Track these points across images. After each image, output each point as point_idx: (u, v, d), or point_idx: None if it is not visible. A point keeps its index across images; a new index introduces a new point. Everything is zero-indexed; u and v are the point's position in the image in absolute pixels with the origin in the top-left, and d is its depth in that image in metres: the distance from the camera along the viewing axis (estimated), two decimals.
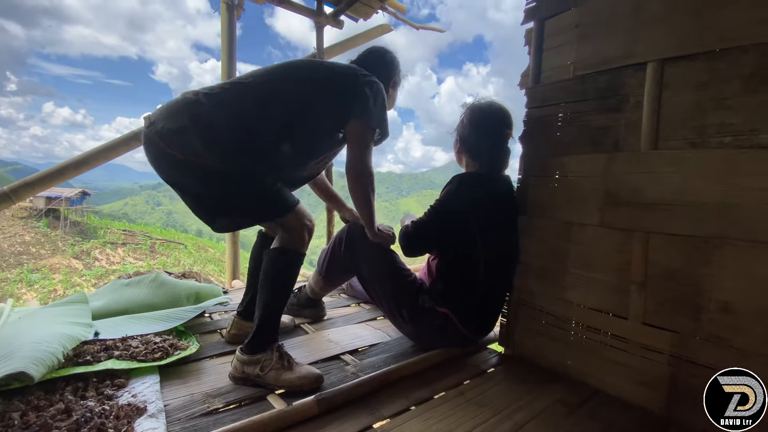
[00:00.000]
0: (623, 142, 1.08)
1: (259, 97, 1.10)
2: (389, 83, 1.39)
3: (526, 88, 1.31)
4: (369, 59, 1.38)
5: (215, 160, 1.03)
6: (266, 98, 1.11)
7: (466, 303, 1.28)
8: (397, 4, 2.74)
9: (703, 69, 0.94)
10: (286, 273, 1.17)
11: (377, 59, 1.38)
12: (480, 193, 1.30)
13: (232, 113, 1.07)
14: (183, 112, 1.06)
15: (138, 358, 1.16)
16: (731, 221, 0.89)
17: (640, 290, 1.03)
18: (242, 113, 1.08)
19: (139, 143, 2.07)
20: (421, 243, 1.36)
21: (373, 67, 1.32)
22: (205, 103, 1.07)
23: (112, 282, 1.70)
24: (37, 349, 0.99)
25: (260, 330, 1.11)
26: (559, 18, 1.22)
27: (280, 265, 1.16)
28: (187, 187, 1.10)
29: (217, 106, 1.07)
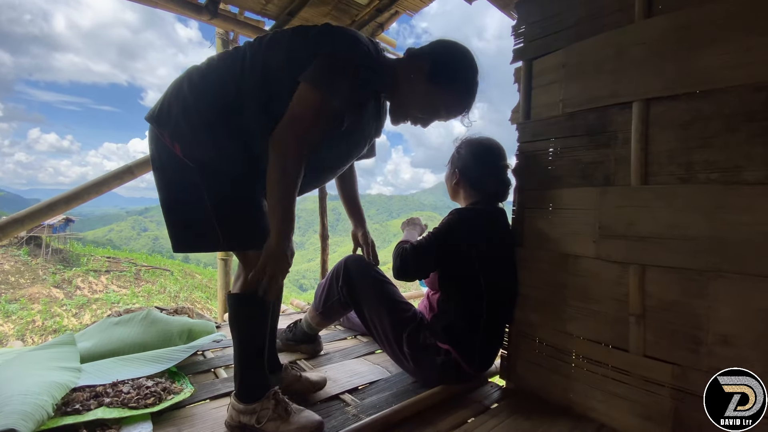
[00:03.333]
0: (614, 177, 1.11)
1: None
2: (416, 61, 1.08)
3: (518, 124, 1.35)
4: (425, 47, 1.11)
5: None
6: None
7: (469, 340, 1.27)
8: (388, 40, 2.83)
9: (686, 109, 0.99)
10: (248, 327, 1.05)
11: (433, 48, 1.10)
12: (481, 228, 1.31)
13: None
14: None
15: (129, 405, 1.11)
16: (723, 255, 0.92)
17: (639, 322, 1.05)
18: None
19: (131, 176, 2.05)
20: (419, 265, 1.28)
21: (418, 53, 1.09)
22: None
23: (101, 321, 1.64)
24: (26, 401, 0.94)
25: (244, 378, 1.06)
26: (546, 58, 1.28)
27: (242, 317, 1.05)
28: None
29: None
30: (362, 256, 1.47)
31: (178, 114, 0.98)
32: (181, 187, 1.02)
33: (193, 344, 1.51)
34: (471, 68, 1.11)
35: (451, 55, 1.10)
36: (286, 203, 0.90)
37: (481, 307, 1.26)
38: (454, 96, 1.10)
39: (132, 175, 2.03)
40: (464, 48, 1.11)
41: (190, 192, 1.00)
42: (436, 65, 1.06)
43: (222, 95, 0.98)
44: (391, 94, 1.14)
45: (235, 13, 2.48)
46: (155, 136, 1.03)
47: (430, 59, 1.07)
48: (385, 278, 1.43)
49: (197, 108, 0.97)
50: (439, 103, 1.10)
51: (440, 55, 1.08)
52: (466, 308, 1.27)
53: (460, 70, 1.10)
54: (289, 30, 1.04)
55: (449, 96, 1.09)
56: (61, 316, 13.04)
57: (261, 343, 1.07)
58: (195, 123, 0.97)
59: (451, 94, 1.10)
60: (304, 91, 0.92)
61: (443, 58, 1.08)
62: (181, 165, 1.00)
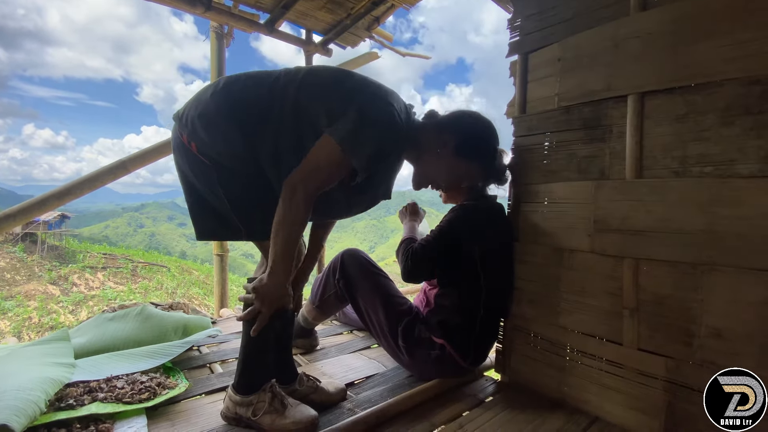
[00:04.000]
0: (609, 171, 1.11)
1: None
2: (443, 134, 1.19)
3: (513, 118, 1.35)
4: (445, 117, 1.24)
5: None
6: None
7: (464, 336, 1.27)
8: (384, 33, 2.82)
9: (681, 102, 0.99)
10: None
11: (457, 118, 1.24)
12: (484, 225, 1.29)
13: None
14: None
15: (124, 400, 1.11)
16: (717, 248, 0.92)
17: (633, 316, 1.05)
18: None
19: (125, 171, 2.04)
20: (430, 267, 1.25)
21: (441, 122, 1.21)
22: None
23: (95, 316, 1.64)
24: (18, 397, 0.94)
25: (245, 371, 1.06)
26: (542, 52, 1.27)
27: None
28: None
29: None
30: (359, 251, 1.47)
31: (194, 117, 1.04)
32: (200, 181, 1.08)
33: (188, 339, 1.51)
34: (493, 139, 1.26)
35: (477, 130, 1.24)
36: (287, 245, 0.95)
37: (478, 304, 1.26)
38: (477, 167, 1.25)
39: (125, 170, 2.01)
40: (486, 120, 1.26)
41: (207, 186, 1.07)
42: (464, 141, 1.20)
43: (241, 108, 1.02)
44: (414, 161, 1.24)
45: (229, 6, 2.45)
46: (177, 133, 1.09)
47: (457, 135, 1.19)
48: (381, 272, 1.43)
49: (216, 116, 1.02)
50: (463, 173, 1.24)
51: (467, 132, 1.22)
52: (464, 304, 1.27)
53: (484, 145, 1.25)
54: (330, 72, 1.07)
55: (474, 167, 1.24)
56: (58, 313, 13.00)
57: (269, 339, 1.07)
58: (212, 128, 1.02)
59: (475, 166, 1.24)
60: (327, 145, 0.96)
61: (470, 133, 1.22)
62: (198, 162, 1.06)
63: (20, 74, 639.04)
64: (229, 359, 1.51)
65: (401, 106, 1.06)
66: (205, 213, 1.12)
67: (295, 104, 1.01)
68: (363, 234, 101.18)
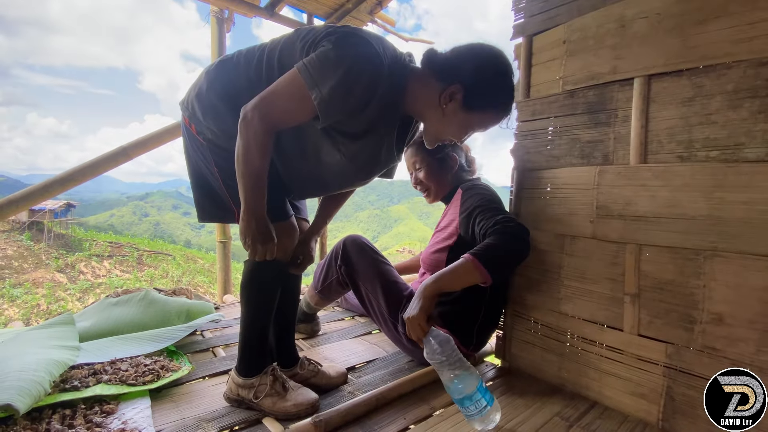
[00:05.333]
0: (613, 156, 1.10)
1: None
2: (449, 86, 0.93)
3: (517, 102, 1.33)
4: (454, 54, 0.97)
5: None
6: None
7: (468, 326, 1.27)
8: (387, 18, 2.77)
9: (688, 85, 0.97)
10: (257, 298, 1.07)
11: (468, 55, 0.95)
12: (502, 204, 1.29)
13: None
14: None
15: (128, 382, 1.13)
16: (720, 234, 0.91)
17: (634, 302, 1.04)
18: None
19: (126, 158, 2.04)
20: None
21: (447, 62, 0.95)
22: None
23: (99, 301, 1.66)
24: (22, 378, 0.95)
25: (245, 351, 1.08)
26: (546, 34, 1.25)
27: (253, 287, 1.07)
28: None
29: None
30: (361, 237, 1.47)
31: (192, 98, 1.06)
32: (200, 162, 1.09)
33: (191, 324, 1.52)
34: (508, 79, 0.97)
35: (488, 74, 0.94)
36: (251, 177, 0.90)
37: (484, 296, 1.26)
38: (492, 115, 1.00)
39: (127, 156, 2.01)
40: (497, 54, 0.96)
41: (206, 167, 1.08)
42: (473, 92, 0.93)
43: (231, 83, 1.02)
44: (419, 116, 1.05)
45: None
46: (181, 117, 1.12)
47: (464, 85, 0.93)
48: (382, 258, 1.43)
49: (207, 92, 1.03)
50: (477, 125, 1.00)
51: (476, 78, 0.93)
52: (469, 292, 1.24)
53: (499, 90, 0.96)
54: (309, 26, 1.06)
55: (488, 116, 0.99)
56: (66, 300, 13.20)
57: (266, 319, 1.09)
58: (204, 105, 1.03)
59: (490, 115, 0.99)
60: (290, 74, 0.88)
61: (479, 80, 0.93)
62: (197, 142, 1.07)
63: (22, 62, 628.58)
64: (232, 343, 1.53)
65: (389, 49, 0.94)
66: (205, 194, 1.13)
67: (279, 64, 0.96)
68: (366, 224, 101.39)
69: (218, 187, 1.08)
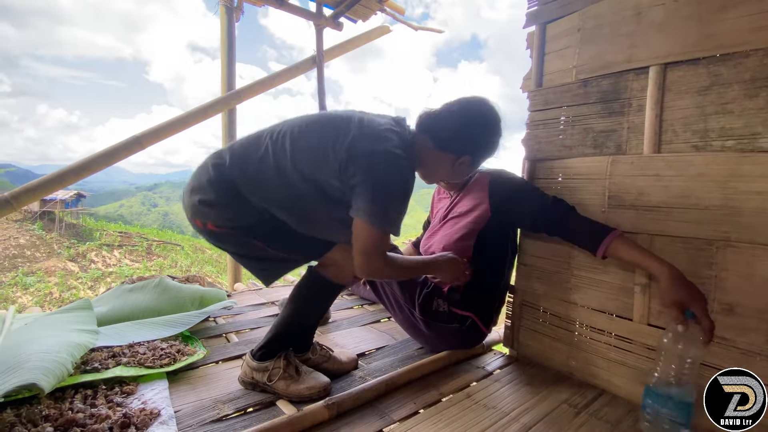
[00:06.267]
0: (626, 145, 1.09)
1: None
2: (459, 158, 1.07)
3: (529, 92, 1.32)
4: (446, 120, 1.06)
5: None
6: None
7: (489, 307, 1.32)
8: (396, 6, 2.74)
9: (705, 73, 0.96)
10: (311, 308, 1.17)
11: (464, 124, 1.05)
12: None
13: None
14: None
15: (146, 365, 1.16)
16: (734, 224, 0.90)
17: (644, 292, 1.05)
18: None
19: (139, 147, 2.06)
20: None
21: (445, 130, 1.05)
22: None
23: (115, 287, 1.70)
24: (46, 359, 0.99)
25: (272, 341, 1.11)
26: (560, 22, 1.23)
27: (315, 298, 1.17)
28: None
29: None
30: None
31: (195, 203, 1.05)
32: (237, 245, 1.11)
33: (205, 310, 1.56)
34: (500, 132, 1.09)
35: (489, 139, 1.08)
36: (412, 271, 1.17)
37: (504, 273, 1.33)
38: (480, 159, 1.11)
39: (140, 145, 2.04)
40: (491, 115, 1.07)
41: (246, 245, 1.09)
42: (479, 155, 1.09)
43: (237, 187, 1.02)
44: (430, 177, 1.17)
45: None
46: (191, 221, 1.10)
47: (472, 154, 1.07)
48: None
49: (217, 200, 1.03)
50: (469, 167, 1.12)
51: (480, 145, 1.08)
52: (489, 274, 1.30)
53: (497, 146, 1.10)
54: (317, 131, 1.02)
55: (477, 159, 1.11)
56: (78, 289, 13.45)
57: (311, 323, 1.19)
58: (219, 206, 1.04)
59: (479, 159, 1.11)
60: (363, 228, 0.96)
61: (482, 145, 1.08)
62: (224, 234, 1.07)
63: (32, 53, 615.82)
64: (244, 330, 1.56)
65: (398, 133, 1.01)
66: (261, 262, 1.14)
67: (300, 176, 1.00)
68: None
69: (266, 251, 1.10)
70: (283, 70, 2.78)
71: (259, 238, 1.07)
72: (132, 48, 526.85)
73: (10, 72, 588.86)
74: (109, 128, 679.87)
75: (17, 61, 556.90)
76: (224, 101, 2.39)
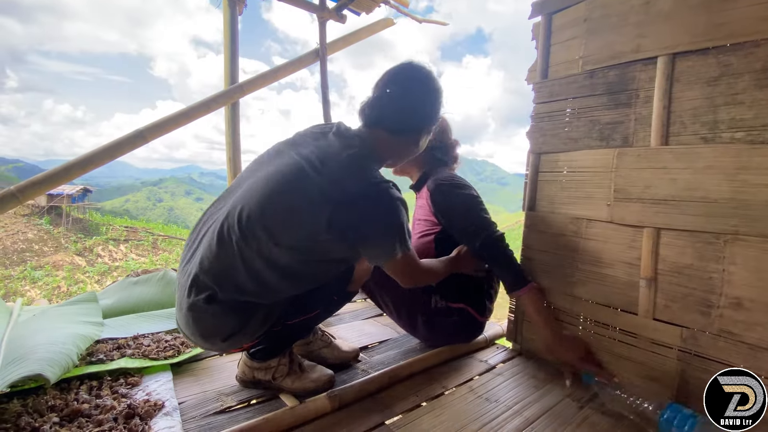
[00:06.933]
0: (633, 138, 1.07)
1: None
2: (420, 135, 1.05)
3: (534, 83, 1.30)
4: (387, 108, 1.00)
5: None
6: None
7: (480, 296, 1.32)
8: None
9: (714, 63, 0.94)
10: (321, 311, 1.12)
11: (404, 107, 1.00)
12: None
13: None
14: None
15: (150, 356, 1.17)
16: (743, 217, 0.89)
17: (650, 286, 1.04)
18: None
19: (143, 141, 2.07)
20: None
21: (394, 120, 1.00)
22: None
23: (120, 280, 1.71)
24: (51, 350, 1.00)
25: (277, 340, 1.06)
26: (567, 12, 1.21)
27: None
28: None
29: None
30: None
31: (226, 339, 0.94)
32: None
33: None
34: (440, 94, 1.04)
35: (427, 108, 1.04)
36: (447, 270, 1.18)
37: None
38: (436, 121, 1.07)
39: (144, 139, 2.04)
40: (421, 77, 1.02)
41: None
42: (423, 126, 1.05)
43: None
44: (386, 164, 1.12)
45: None
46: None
47: (413, 129, 1.03)
48: None
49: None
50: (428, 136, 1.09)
51: (423, 119, 1.04)
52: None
53: (437, 109, 1.05)
54: (293, 195, 0.89)
55: (435, 124, 1.08)
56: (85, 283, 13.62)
57: (316, 324, 1.16)
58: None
59: (436, 123, 1.08)
60: (394, 266, 0.97)
61: (425, 117, 1.04)
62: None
63: (37, 48, 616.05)
64: None
65: (354, 148, 0.95)
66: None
67: (291, 252, 0.90)
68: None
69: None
70: (285, 63, 2.76)
71: (278, 324, 0.98)
72: (136, 43, 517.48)
73: (17, 67, 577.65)
74: (115, 123, 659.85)
75: (23, 57, 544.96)
76: (227, 95, 2.38)
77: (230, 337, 0.92)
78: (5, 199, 1.79)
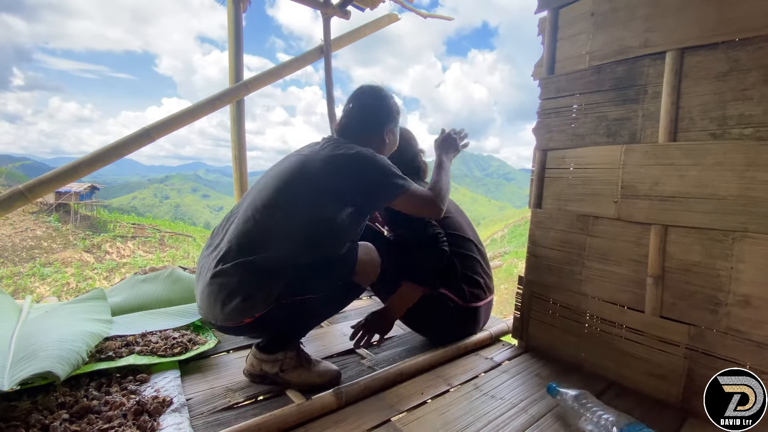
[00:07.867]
0: (641, 134, 1.06)
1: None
2: (382, 130, 1.24)
3: (540, 79, 1.29)
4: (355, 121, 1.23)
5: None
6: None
7: (457, 278, 1.30)
8: None
9: (724, 59, 0.92)
10: (330, 305, 1.17)
11: (366, 116, 1.24)
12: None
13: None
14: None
15: (158, 353, 1.18)
16: (752, 214, 0.88)
17: (657, 283, 1.03)
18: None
19: (149, 139, 2.08)
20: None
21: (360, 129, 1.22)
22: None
23: (128, 278, 1.72)
24: (61, 348, 1.01)
25: (285, 332, 1.10)
26: (574, 6, 1.20)
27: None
28: None
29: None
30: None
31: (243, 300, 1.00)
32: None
33: None
34: (391, 98, 1.26)
35: (384, 107, 1.24)
36: (447, 175, 1.28)
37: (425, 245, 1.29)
38: (398, 117, 1.27)
39: (150, 138, 2.05)
40: (373, 90, 1.25)
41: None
42: (387, 120, 1.25)
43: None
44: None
45: None
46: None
47: (380, 124, 1.23)
48: None
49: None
50: (381, 138, 1.25)
51: (385, 115, 1.24)
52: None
53: (392, 106, 1.26)
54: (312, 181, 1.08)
55: (397, 119, 1.27)
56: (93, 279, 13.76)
57: (325, 318, 1.24)
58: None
59: (397, 118, 1.27)
60: (404, 201, 1.12)
61: (386, 113, 1.24)
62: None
63: (43, 46, 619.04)
64: None
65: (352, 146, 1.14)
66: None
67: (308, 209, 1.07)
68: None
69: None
70: (290, 60, 2.76)
71: (289, 295, 1.03)
72: (141, 40, 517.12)
73: (23, 66, 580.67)
74: (121, 121, 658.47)
75: (29, 55, 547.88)
76: (232, 92, 2.38)
77: (249, 298, 0.99)
78: (14, 197, 1.81)
